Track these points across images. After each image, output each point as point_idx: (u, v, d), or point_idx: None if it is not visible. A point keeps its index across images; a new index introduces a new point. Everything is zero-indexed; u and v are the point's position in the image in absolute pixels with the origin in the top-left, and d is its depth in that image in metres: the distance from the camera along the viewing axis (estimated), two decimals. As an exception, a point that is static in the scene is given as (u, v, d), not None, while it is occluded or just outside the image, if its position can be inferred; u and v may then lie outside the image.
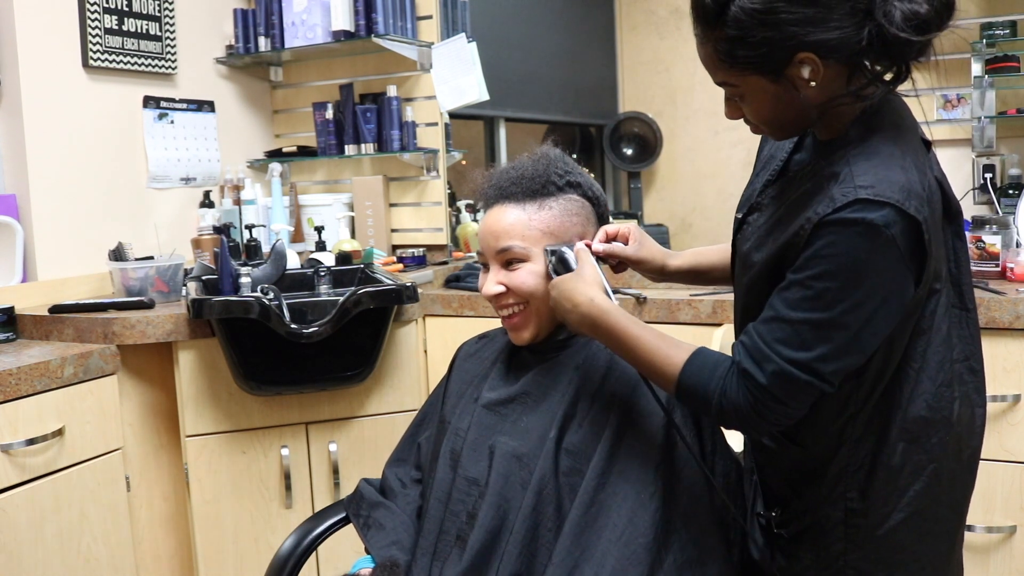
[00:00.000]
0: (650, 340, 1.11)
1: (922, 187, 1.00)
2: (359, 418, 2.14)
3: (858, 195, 0.97)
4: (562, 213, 1.27)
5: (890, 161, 1.00)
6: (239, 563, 2.08)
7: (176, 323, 1.96)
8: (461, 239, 2.84)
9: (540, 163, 1.30)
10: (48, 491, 1.75)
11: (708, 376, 1.06)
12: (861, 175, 0.99)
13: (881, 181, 0.98)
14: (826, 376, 1.01)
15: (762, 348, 1.03)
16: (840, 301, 0.98)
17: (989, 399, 1.72)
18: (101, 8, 2.30)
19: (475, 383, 1.37)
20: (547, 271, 1.24)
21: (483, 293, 1.30)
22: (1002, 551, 1.76)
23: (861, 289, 0.98)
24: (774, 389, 1.02)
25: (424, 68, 2.65)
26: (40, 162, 2.16)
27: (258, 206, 2.64)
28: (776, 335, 1.02)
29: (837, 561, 1.14)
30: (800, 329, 1.00)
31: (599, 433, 1.18)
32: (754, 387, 1.03)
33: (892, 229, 0.96)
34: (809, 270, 1.00)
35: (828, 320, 0.99)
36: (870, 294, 0.98)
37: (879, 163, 1.00)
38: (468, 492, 1.24)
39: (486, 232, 1.28)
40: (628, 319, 1.14)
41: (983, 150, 2.11)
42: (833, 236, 0.98)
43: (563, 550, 1.12)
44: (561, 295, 1.19)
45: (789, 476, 1.17)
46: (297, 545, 1.39)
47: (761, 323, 1.04)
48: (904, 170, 1.00)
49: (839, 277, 0.98)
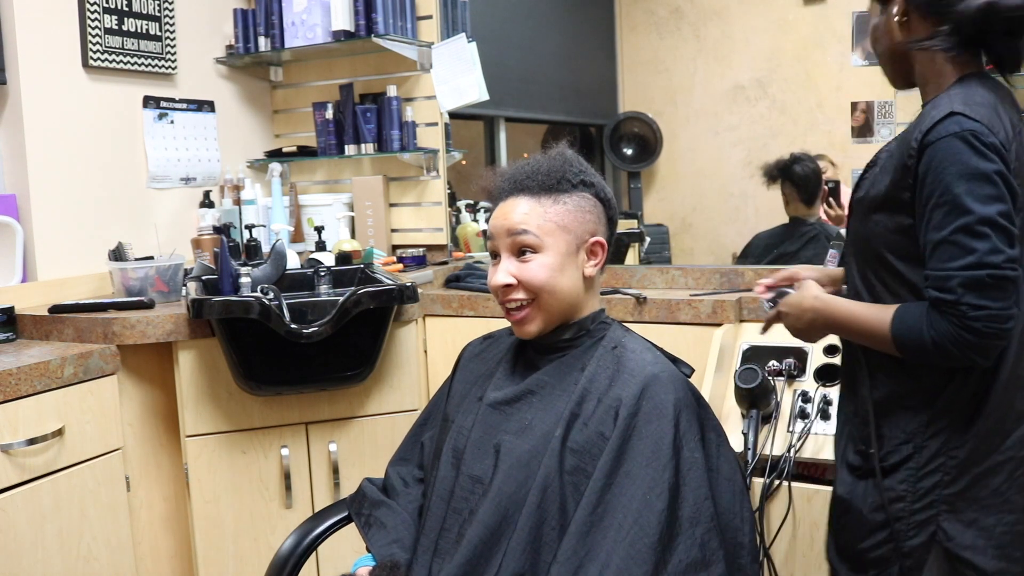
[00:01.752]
0: (863, 313, 1.23)
1: (1012, 132, 1.15)
2: (359, 418, 2.14)
3: (953, 108, 1.13)
4: (576, 209, 1.28)
5: (977, 97, 1.16)
6: (239, 563, 2.08)
7: (176, 323, 1.96)
8: (461, 239, 2.84)
9: (556, 160, 1.31)
10: (48, 491, 1.75)
11: (913, 323, 1.15)
12: (952, 98, 1.16)
13: (968, 104, 1.14)
14: (1002, 265, 1.10)
15: (939, 275, 1.13)
16: (970, 199, 1.11)
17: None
18: (101, 8, 2.30)
19: (480, 382, 1.37)
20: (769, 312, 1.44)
21: (491, 283, 1.29)
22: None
23: (978, 182, 1.11)
24: (967, 300, 1.10)
25: (424, 68, 2.65)
26: (40, 162, 2.16)
27: (258, 206, 2.64)
28: (943, 258, 1.13)
29: (930, 494, 1.21)
30: (958, 239, 1.11)
31: (605, 434, 1.19)
32: (950, 309, 1.11)
33: (983, 135, 1.11)
34: (934, 189, 1.13)
35: (974, 220, 1.11)
36: (986, 179, 1.11)
37: (967, 96, 1.16)
38: (472, 490, 1.24)
39: (500, 219, 1.29)
40: (847, 302, 1.28)
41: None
42: (939, 148, 1.13)
43: (569, 549, 1.13)
44: (791, 308, 1.35)
45: (896, 406, 1.25)
46: (297, 545, 1.40)
47: (929, 260, 1.15)
48: (990, 107, 1.15)
49: (959, 181, 1.11)
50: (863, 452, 1.29)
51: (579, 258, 1.29)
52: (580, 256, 1.29)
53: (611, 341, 1.29)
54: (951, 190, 1.12)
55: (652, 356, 1.27)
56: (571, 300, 1.29)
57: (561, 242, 1.26)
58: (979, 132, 1.12)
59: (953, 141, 1.12)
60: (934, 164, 1.13)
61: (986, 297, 1.10)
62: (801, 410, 1.78)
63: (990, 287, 1.10)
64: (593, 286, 1.33)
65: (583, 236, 1.28)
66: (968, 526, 1.20)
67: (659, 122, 4.09)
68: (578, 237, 1.28)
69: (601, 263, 1.31)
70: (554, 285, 1.26)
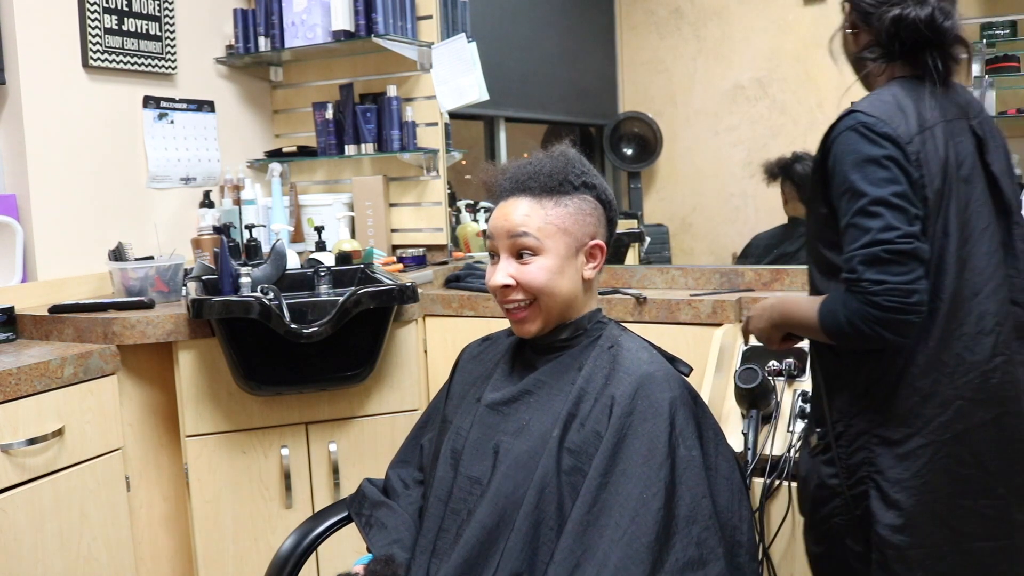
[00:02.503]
0: (804, 306, 1.31)
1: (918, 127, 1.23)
2: (359, 418, 2.14)
3: (853, 107, 1.24)
4: (577, 212, 1.28)
5: (885, 97, 1.26)
6: (239, 563, 2.08)
7: (176, 323, 1.96)
8: (461, 239, 2.84)
9: (559, 161, 1.30)
10: (48, 491, 1.75)
11: (833, 308, 1.23)
12: (863, 100, 1.27)
13: (871, 103, 1.25)
14: (896, 240, 1.16)
15: (847, 257, 1.20)
16: (864, 183, 1.19)
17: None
18: (101, 8, 2.30)
19: (478, 384, 1.37)
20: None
21: (490, 284, 1.29)
22: (1002, 551, 1.76)
23: (870, 167, 1.20)
24: (867, 276, 1.17)
25: (424, 68, 2.65)
26: (40, 162, 2.16)
27: (258, 206, 2.64)
28: (849, 241, 1.20)
29: (858, 471, 1.29)
30: (856, 221, 1.19)
31: (601, 433, 1.18)
32: (855, 287, 1.18)
33: (875, 126, 1.21)
34: (839, 179, 1.23)
35: (867, 201, 1.19)
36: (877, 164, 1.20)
37: (875, 97, 1.27)
38: (470, 491, 1.24)
39: (500, 219, 1.28)
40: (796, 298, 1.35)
41: (983, 150, 2.11)
42: (839, 142, 1.23)
43: (565, 548, 1.13)
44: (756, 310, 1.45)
45: (832, 389, 1.33)
46: (297, 545, 1.40)
47: (842, 245, 1.23)
48: (893, 105, 1.24)
49: (854, 168, 1.21)
50: (809, 431, 1.41)
51: (578, 260, 1.28)
52: (579, 259, 1.29)
53: (608, 340, 1.29)
54: (848, 178, 1.22)
55: (648, 355, 1.27)
56: (570, 302, 1.29)
57: (561, 245, 1.26)
58: (871, 124, 1.22)
59: (849, 134, 1.23)
60: (837, 157, 1.24)
61: (885, 272, 1.16)
62: (801, 410, 1.78)
63: (887, 262, 1.16)
64: (591, 287, 1.33)
65: (583, 239, 1.28)
66: (889, 507, 1.25)
67: (659, 122, 4.08)
68: (578, 240, 1.28)
69: (600, 265, 1.31)
70: (553, 288, 1.26)
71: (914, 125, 1.23)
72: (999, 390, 1.24)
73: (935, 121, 1.25)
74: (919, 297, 1.16)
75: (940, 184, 1.23)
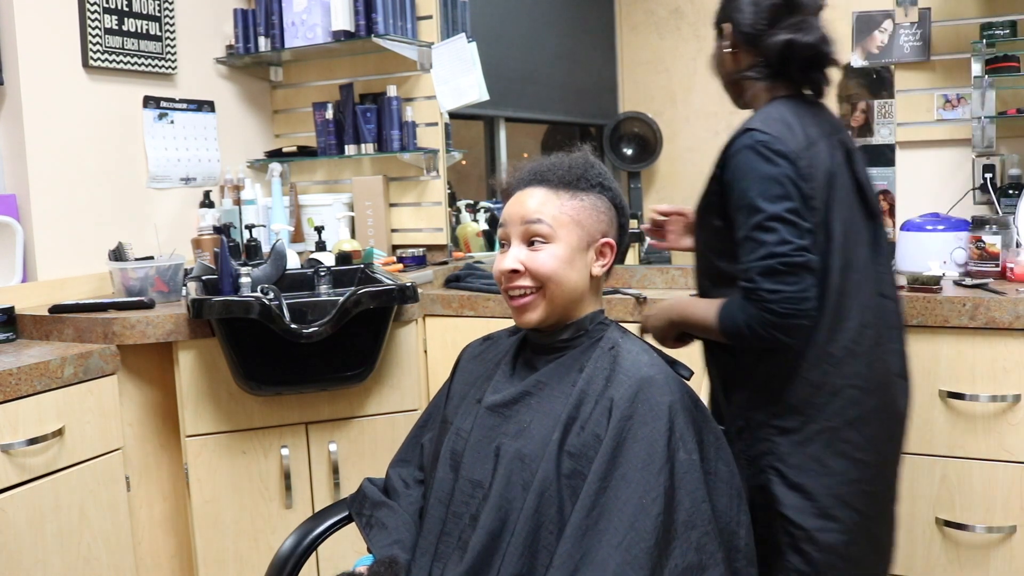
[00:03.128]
0: (700, 308, 1.41)
1: (805, 143, 1.34)
2: (359, 418, 2.14)
3: (748, 125, 1.35)
4: (592, 208, 1.29)
5: (775, 114, 1.37)
6: (239, 563, 2.08)
7: (176, 323, 1.96)
8: (461, 239, 2.84)
9: (578, 159, 1.33)
10: (48, 491, 1.75)
11: (731, 312, 1.34)
12: (755, 118, 1.38)
13: (764, 121, 1.35)
14: (790, 253, 1.28)
15: (744, 267, 1.31)
16: (761, 199, 1.30)
17: (989, 399, 1.73)
18: (101, 8, 2.30)
19: (478, 384, 1.37)
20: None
21: (498, 269, 1.29)
22: (1002, 551, 1.76)
23: (766, 182, 1.30)
24: (764, 286, 1.28)
25: (424, 68, 2.65)
26: (40, 162, 2.16)
27: (258, 206, 2.64)
28: (745, 252, 1.31)
29: (760, 461, 1.39)
30: (753, 235, 1.30)
31: (601, 436, 1.18)
32: (753, 296, 1.30)
33: (771, 144, 1.31)
34: (736, 194, 1.34)
35: (764, 217, 1.29)
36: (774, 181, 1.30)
37: (766, 114, 1.38)
38: (472, 494, 1.24)
39: (515, 206, 1.29)
40: (692, 301, 1.46)
41: (983, 150, 2.11)
42: (737, 159, 1.34)
43: (564, 553, 1.12)
44: (653, 310, 1.55)
45: (731, 385, 1.45)
46: (297, 545, 1.39)
47: (739, 256, 1.33)
48: (783, 123, 1.35)
49: (752, 185, 1.31)
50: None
51: (588, 256, 1.29)
52: (589, 254, 1.29)
53: (608, 342, 1.29)
54: (747, 194, 1.32)
55: (648, 358, 1.27)
56: (575, 296, 1.28)
57: (573, 236, 1.27)
58: (768, 142, 1.32)
59: (747, 152, 1.33)
60: (735, 173, 1.34)
61: (780, 282, 1.28)
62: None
63: (782, 273, 1.28)
64: (597, 286, 1.33)
65: (595, 235, 1.29)
66: (791, 489, 1.37)
67: (659, 122, 4.09)
68: (590, 235, 1.28)
69: (608, 265, 1.31)
70: (561, 276, 1.26)
71: (802, 141, 1.34)
72: (883, 377, 1.39)
73: (818, 136, 1.38)
74: (810, 304, 1.29)
75: (825, 194, 1.35)
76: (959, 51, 2.14)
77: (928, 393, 1.79)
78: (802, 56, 1.40)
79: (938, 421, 1.79)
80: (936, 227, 2.05)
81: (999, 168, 2.15)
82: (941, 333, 1.77)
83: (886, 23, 2.20)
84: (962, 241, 2.02)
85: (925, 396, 1.79)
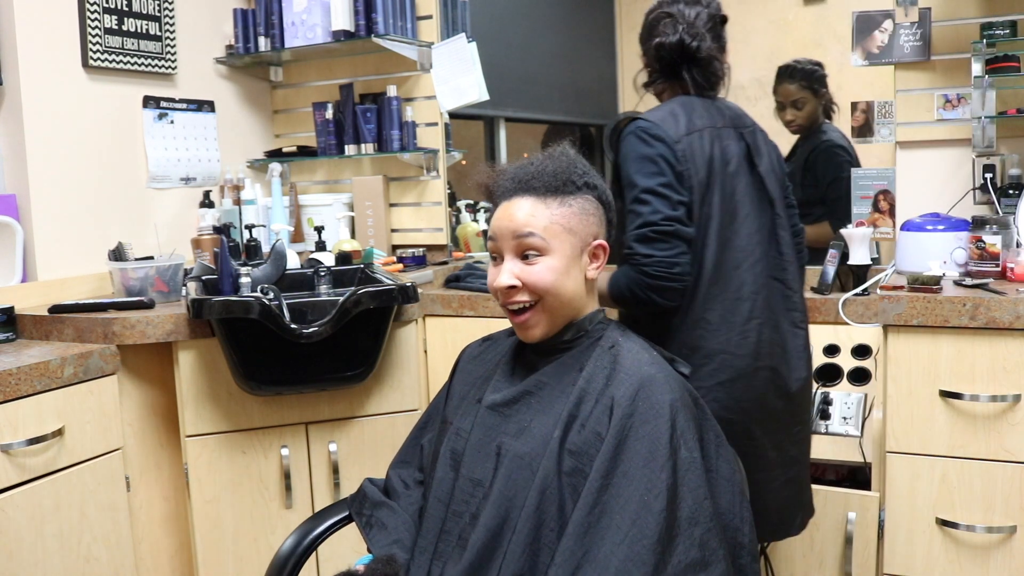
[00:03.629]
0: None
1: (687, 130, 1.50)
2: (359, 418, 2.14)
3: (634, 115, 1.52)
4: (580, 212, 1.28)
5: (663, 108, 1.54)
6: (239, 563, 2.08)
7: (176, 323, 1.96)
8: (461, 239, 2.84)
9: (561, 161, 1.31)
10: (48, 491, 1.75)
11: (617, 278, 1.48)
12: (643, 112, 1.54)
13: (650, 112, 1.53)
14: (660, 222, 1.43)
15: (628, 238, 1.46)
16: (638, 175, 1.46)
17: (989, 399, 1.73)
18: (101, 8, 2.30)
19: (478, 384, 1.37)
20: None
21: (494, 285, 1.28)
22: (1002, 551, 1.76)
23: (643, 161, 1.47)
24: (639, 251, 1.44)
25: (424, 68, 2.65)
26: (40, 162, 2.16)
27: (258, 206, 2.64)
28: (627, 225, 1.47)
29: None
30: (632, 207, 1.46)
31: (602, 434, 1.18)
32: (631, 261, 1.45)
33: (649, 129, 1.48)
34: (622, 174, 1.50)
35: (639, 191, 1.46)
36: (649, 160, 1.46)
37: (656, 108, 1.56)
38: (472, 493, 1.24)
39: (504, 219, 1.27)
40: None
41: (983, 150, 2.11)
42: (622, 144, 1.51)
43: (566, 550, 1.12)
44: None
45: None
46: (297, 545, 1.39)
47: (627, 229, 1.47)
48: (667, 113, 1.52)
49: (631, 164, 1.48)
50: None
51: (582, 260, 1.29)
52: (583, 259, 1.29)
53: (608, 341, 1.29)
54: (628, 172, 1.49)
55: (649, 356, 1.27)
56: (574, 302, 1.29)
57: (566, 244, 1.26)
58: (646, 127, 1.49)
59: (630, 137, 1.50)
60: (622, 156, 1.51)
61: (652, 248, 1.43)
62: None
63: (654, 240, 1.43)
64: (593, 287, 1.33)
65: (587, 239, 1.28)
66: None
67: (659, 122, 4.08)
68: (582, 240, 1.28)
69: (602, 265, 1.31)
70: (559, 288, 1.26)
71: (683, 128, 1.50)
72: (757, 347, 1.49)
73: (704, 126, 1.53)
74: (680, 269, 1.44)
75: (705, 176, 1.49)
76: (959, 51, 2.14)
77: (928, 393, 1.79)
78: (669, 55, 1.56)
79: (938, 421, 1.79)
80: (936, 227, 2.05)
81: (999, 168, 2.15)
82: (941, 333, 1.77)
83: (886, 23, 2.20)
84: (962, 241, 2.02)
85: (925, 396, 1.79)
